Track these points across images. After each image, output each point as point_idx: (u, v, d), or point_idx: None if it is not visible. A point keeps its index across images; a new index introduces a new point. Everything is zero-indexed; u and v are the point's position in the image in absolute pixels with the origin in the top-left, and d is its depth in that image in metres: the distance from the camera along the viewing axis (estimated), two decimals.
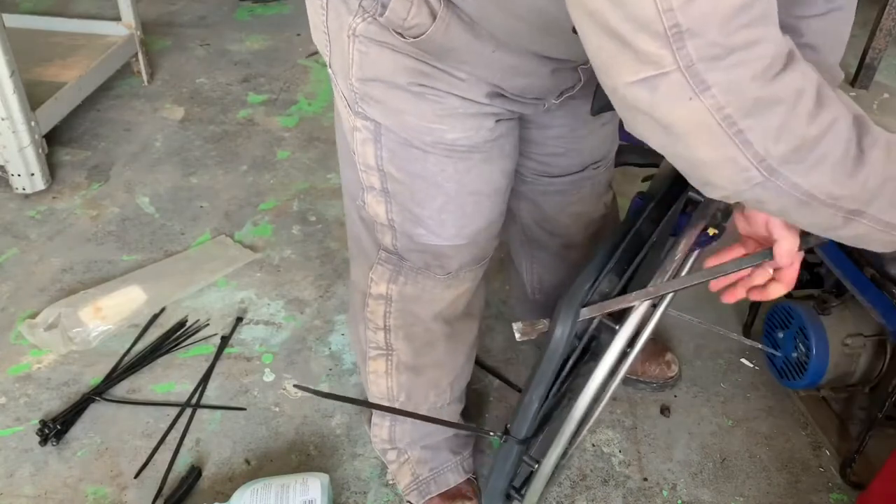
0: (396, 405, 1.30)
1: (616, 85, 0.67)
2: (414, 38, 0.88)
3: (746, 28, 0.62)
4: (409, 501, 1.40)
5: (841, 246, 1.40)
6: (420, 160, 1.01)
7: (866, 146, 0.69)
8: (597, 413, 1.16)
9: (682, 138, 0.68)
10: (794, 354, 1.49)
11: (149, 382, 1.63)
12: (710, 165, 0.69)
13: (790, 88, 0.65)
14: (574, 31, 0.71)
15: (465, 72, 0.94)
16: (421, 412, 1.30)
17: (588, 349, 1.53)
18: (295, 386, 1.59)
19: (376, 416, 1.38)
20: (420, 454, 1.38)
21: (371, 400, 1.34)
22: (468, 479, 1.42)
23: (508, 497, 1.25)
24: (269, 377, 1.65)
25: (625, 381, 1.61)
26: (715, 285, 0.97)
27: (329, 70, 1.02)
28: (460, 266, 1.13)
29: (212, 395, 1.61)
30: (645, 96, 0.66)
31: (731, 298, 0.95)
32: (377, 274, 1.16)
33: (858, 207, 0.72)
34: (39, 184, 2.10)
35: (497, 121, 1.02)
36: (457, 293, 1.17)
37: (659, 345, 1.66)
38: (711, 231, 1.08)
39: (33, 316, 1.74)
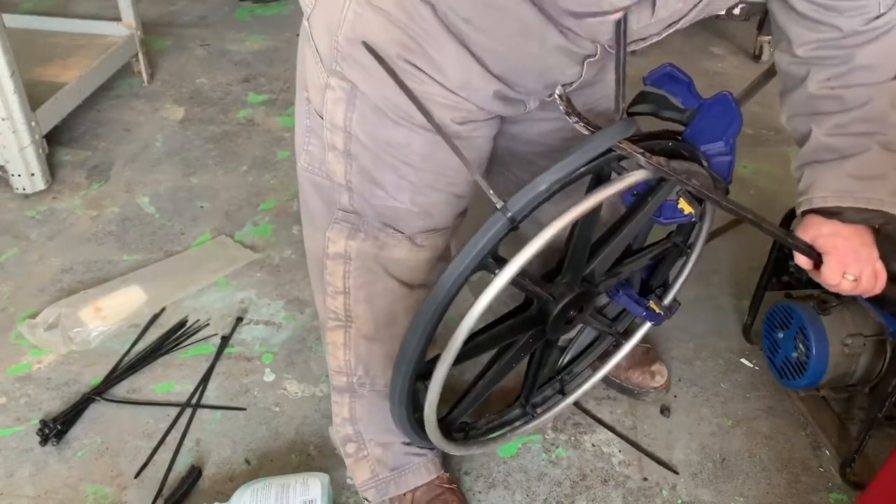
0: (354, 380, 1.28)
1: None
2: None
3: None
4: (366, 499, 1.38)
5: None
6: (390, 129, 1.03)
7: None
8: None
9: None
10: (794, 354, 1.49)
11: (149, 382, 1.63)
12: None
13: None
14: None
15: (451, 53, 0.96)
16: (377, 388, 1.28)
17: (586, 350, 1.54)
18: None
19: (335, 394, 1.34)
20: (381, 453, 1.35)
21: (330, 374, 1.31)
22: (438, 479, 1.38)
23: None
24: (269, 377, 1.65)
25: (607, 381, 1.61)
26: None
27: (305, 22, 1.04)
28: (414, 231, 1.14)
29: (212, 395, 1.61)
30: None
31: None
32: (334, 232, 1.16)
33: None
34: (39, 184, 2.10)
35: (473, 123, 1.05)
36: (416, 258, 1.17)
37: (651, 354, 1.63)
38: (686, 209, 1.09)
39: (33, 316, 1.74)
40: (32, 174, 2.08)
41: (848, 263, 1.13)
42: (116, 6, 2.52)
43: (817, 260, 1.16)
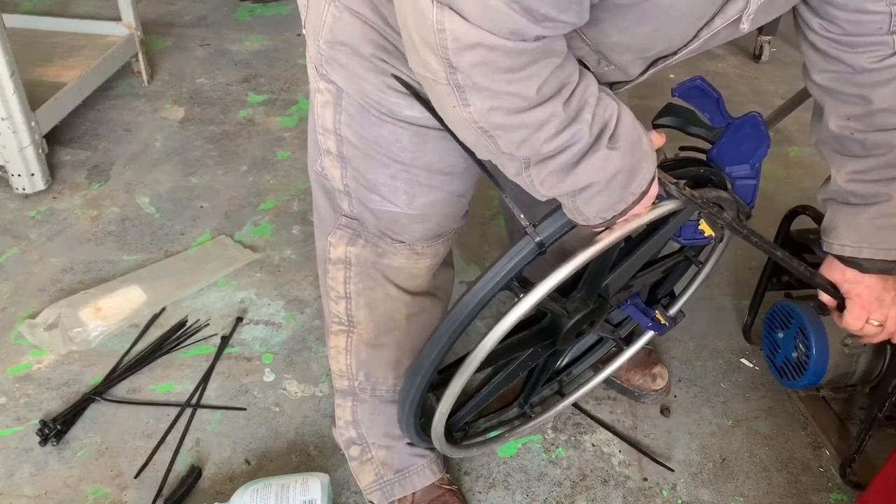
0: (355, 384, 1.29)
1: (409, 62, 0.84)
2: None
3: (509, 82, 0.77)
4: (371, 502, 1.38)
5: None
6: (376, 127, 1.03)
7: (584, 159, 0.85)
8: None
9: (452, 123, 0.87)
10: (794, 354, 1.49)
11: (149, 382, 1.63)
12: (473, 145, 0.89)
13: (534, 119, 0.80)
14: None
15: None
16: (379, 393, 1.29)
17: (586, 353, 1.54)
18: None
19: (338, 397, 1.35)
20: (385, 455, 1.35)
21: (332, 376, 1.32)
22: (439, 480, 1.38)
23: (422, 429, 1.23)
24: (269, 377, 1.65)
25: (608, 382, 1.61)
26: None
27: (303, 31, 1.06)
28: (414, 238, 1.14)
29: (212, 395, 1.61)
30: (427, 87, 0.85)
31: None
32: (336, 237, 1.17)
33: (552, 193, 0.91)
34: (39, 184, 2.10)
35: None
36: (416, 266, 1.17)
37: (653, 356, 1.63)
38: (707, 231, 1.09)
39: (33, 316, 1.74)
40: (32, 174, 2.08)
41: (872, 310, 1.14)
42: (116, 6, 2.52)
43: (840, 301, 1.17)
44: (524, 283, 1.00)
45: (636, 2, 0.80)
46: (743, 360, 1.72)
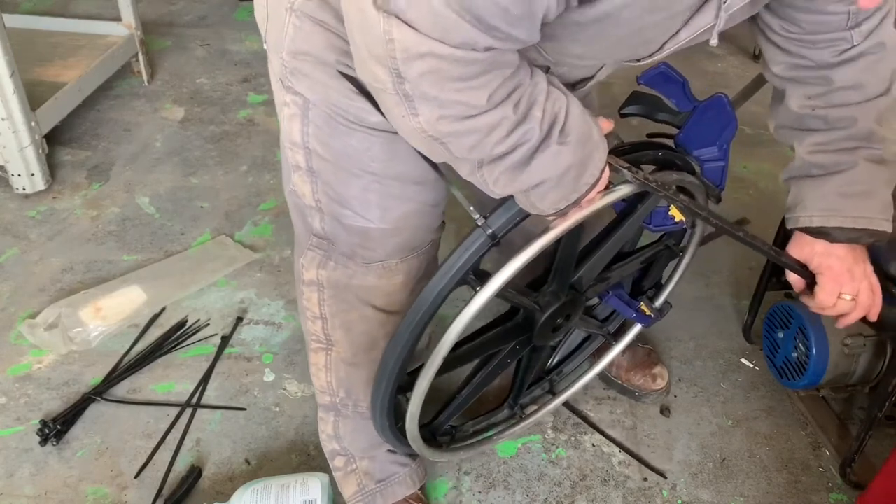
0: (336, 401, 1.28)
1: (357, 72, 0.85)
2: None
3: (458, 91, 0.77)
4: None
5: None
6: (345, 136, 1.01)
7: (535, 156, 0.86)
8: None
9: (403, 132, 0.88)
10: (794, 354, 1.49)
11: (149, 382, 1.63)
12: (427, 151, 0.90)
13: (484, 124, 0.81)
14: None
15: None
16: (360, 410, 1.28)
17: (575, 351, 1.54)
18: None
19: (321, 411, 1.34)
20: (368, 465, 1.34)
21: (315, 391, 1.32)
22: (419, 491, 1.38)
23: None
24: (269, 377, 1.65)
25: (608, 382, 1.61)
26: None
27: (265, 46, 1.05)
28: (387, 254, 1.12)
29: (212, 395, 1.61)
30: (377, 97, 0.85)
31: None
32: (307, 259, 1.16)
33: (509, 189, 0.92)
34: (39, 184, 2.10)
35: None
36: (390, 283, 1.15)
37: (653, 356, 1.63)
38: (677, 216, 1.08)
39: (33, 316, 1.74)
40: (32, 174, 2.08)
41: (843, 283, 1.13)
42: (116, 6, 2.52)
43: (810, 280, 1.16)
44: (482, 277, 0.99)
45: (592, 21, 0.81)
46: (743, 360, 1.73)
